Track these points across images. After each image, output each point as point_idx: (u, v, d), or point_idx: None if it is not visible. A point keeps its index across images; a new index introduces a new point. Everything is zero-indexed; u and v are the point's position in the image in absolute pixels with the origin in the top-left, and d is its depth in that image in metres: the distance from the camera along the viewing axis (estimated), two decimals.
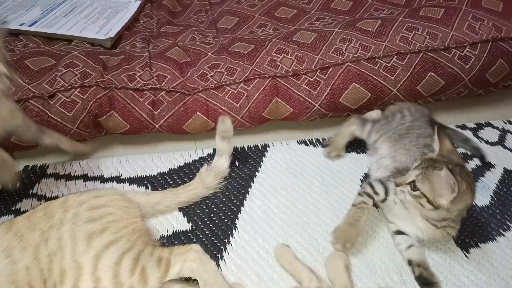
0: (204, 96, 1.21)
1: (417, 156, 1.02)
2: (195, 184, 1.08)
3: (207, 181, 1.09)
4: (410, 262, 0.94)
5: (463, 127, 1.31)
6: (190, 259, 0.87)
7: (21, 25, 1.45)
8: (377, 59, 1.20)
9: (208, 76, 1.23)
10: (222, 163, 1.12)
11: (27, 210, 0.93)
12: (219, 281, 0.87)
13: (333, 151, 1.21)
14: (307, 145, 1.26)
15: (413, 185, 0.87)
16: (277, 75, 1.21)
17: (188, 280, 0.90)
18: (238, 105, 1.22)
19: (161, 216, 1.05)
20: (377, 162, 1.11)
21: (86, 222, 0.85)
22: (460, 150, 1.19)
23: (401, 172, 1.00)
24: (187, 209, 1.07)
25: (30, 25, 1.45)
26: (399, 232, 0.98)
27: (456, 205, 0.85)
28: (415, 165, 0.91)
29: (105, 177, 1.16)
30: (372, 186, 1.01)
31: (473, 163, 1.19)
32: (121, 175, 1.17)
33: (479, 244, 0.99)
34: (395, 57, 1.20)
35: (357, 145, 1.23)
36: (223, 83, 1.22)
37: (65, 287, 0.78)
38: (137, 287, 0.81)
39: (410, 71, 1.20)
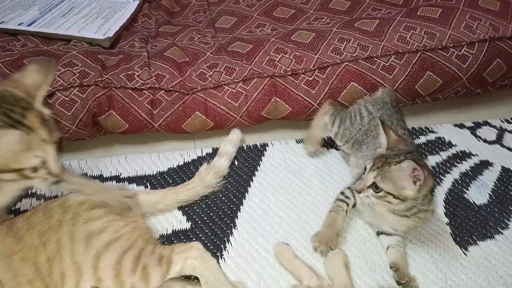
0: (203, 96, 1.21)
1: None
2: (195, 183, 1.08)
3: (207, 180, 1.09)
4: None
5: (461, 126, 1.32)
6: (192, 257, 0.88)
7: (19, 25, 1.45)
8: (375, 59, 1.21)
9: (207, 76, 1.23)
10: (222, 163, 1.13)
11: (27, 210, 0.93)
12: (220, 278, 0.87)
13: (308, 146, 1.21)
14: None
15: (375, 187, 0.88)
16: (276, 74, 1.21)
17: (188, 278, 0.90)
18: (237, 104, 1.22)
19: (160, 215, 1.06)
20: (350, 167, 1.15)
21: (85, 223, 0.85)
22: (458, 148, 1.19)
23: None
24: (186, 208, 1.07)
25: (29, 25, 1.45)
26: (380, 233, 1.00)
27: (421, 191, 0.86)
28: (368, 167, 0.91)
29: (104, 177, 1.16)
30: (342, 193, 1.04)
31: (471, 161, 1.19)
32: (120, 174, 1.17)
33: (477, 242, 1.00)
34: (393, 56, 1.21)
35: None
36: (222, 83, 1.22)
37: None
38: (139, 286, 0.81)
39: (408, 70, 1.21)
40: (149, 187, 1.13)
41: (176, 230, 1.02)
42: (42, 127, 0.74)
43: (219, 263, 0.94)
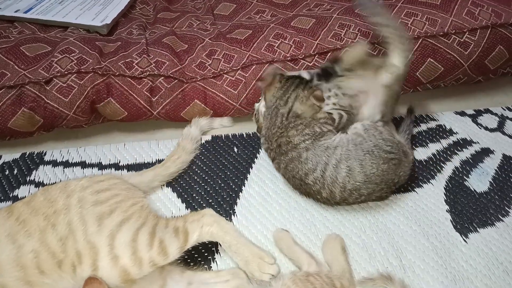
0: (202, 84, 1.20)
1: None
2: (179, 153, 1.13)
3: (188, 147, 1.16)
4: None
5: (462, 113, 1.30)
6: (207, 224, 0.89)
7: (16, 12, 1.43)
8: (376, 45, 1.20)
9: (206, 65, 1.22)
10: (193, 130, 1.20)
11: (25, 197, 0.92)
12: (242, 240, 0.89)
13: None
14: None
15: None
16: (275, 60, 1.20)
17: (187, 263, 0.90)
18: (236, 92, 1.21)
19: (159, 202, 1.05)
20: None
21: (93, 205, 0.84)
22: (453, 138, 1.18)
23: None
24: (185, 195, 1.07)
25: (25, 12, 1.44)
26: None
27: None
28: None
29: (103, 164, 1.16)
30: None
31: (472, 149, 1.18)
32: (119, 162, 1.16)
33: (478, 229, 0.99)
34: None
35: None
36: (221, 72, 1.21)
37: (84, 266, 0.77)
38: (158, 260, 0.80)
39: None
40: None
41: (175, 217, 1.01)
42: None
43: (218, 250, 0.94)
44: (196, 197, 1.06)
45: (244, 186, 1.09)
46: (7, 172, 1.14)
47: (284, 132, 1.02)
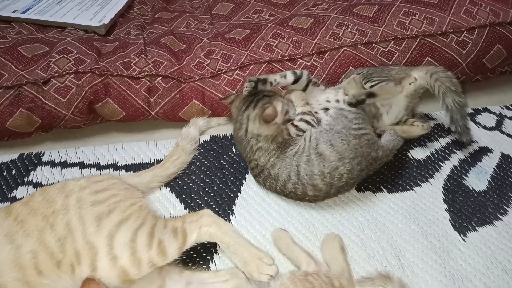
0: (200, 84, 1.20)
1: None
2: (178, 153, 1.12)
3: (187, 148, 1.15)
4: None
5: None
6: (206, 224, 0.89)
7: (13, 12, 1.43)
8: (374, 44, 1.20)
9: (204, 65, 1.22)
10: (192, 131, 1.19)
11: (23, 198, 0.92)
12: (240, 241, 0.89)
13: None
14: None
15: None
16: (273, 59, 1.20)
17: (185, 264, 0.90)
18: (234, 92, 1.20)
19: (157, 203, 1.05)
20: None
21: (92, 205, 0.84)
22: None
23: None
24: (184, 195, 1.07)
25: (23, 12, 1.44)
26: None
27: None
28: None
29: (101, 165, 1.16)
30: None
31: (471, 148, 1.18)
32: (118, 162, 1.16)
33: (476, 228, 0.99)
34: (392, 42, 1.19)
35: None
36: (219, 72, 1.20)
37: (83, 267, 0.77)
38: (157, 260, 0.80)
39: (408, 56, 1.20)
40: None
41: (174, 217, 1.01)
42: None
43: (216, 250, 0.94)
44: (195, 197, 1.06)
45: (243, 186, 1.09)
46: (5, 173, 1.13)
47: (251, 156, 1.03)
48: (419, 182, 1.09)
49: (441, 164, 1.14)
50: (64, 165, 1.16)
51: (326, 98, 1.08)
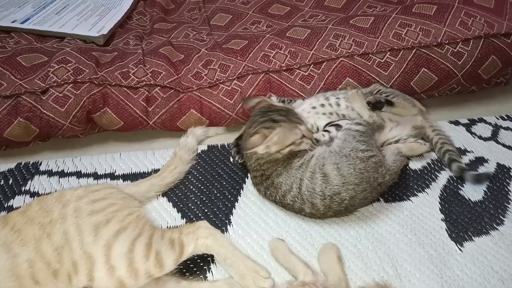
0: (198, 94, 1.21)
1: None
2: (175, 163, 1.12)
3: (184, 157, 1.15)
4: None
5: (456, 123, 1.31)
6: (202, 236, 0.89)
7: (12, 22, 1.44)
8: (370, 55, 1.21)
9: (202, 75, 1.23)
10: (190, 140, 1.19)
11: (20, 207, 0.92)
12: (237, 253, 0.89)
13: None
14: None
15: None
16: (271, 70, 1.21)
17: (182, 273, 0.90)
18: (232, 102, 1.21)
19: (155, 212, 1.05)
20: None
21: (89, 215, 0.84)
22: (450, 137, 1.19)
23: None
24: (181, 205, 1.07)
25: (22, 23, 1.44)
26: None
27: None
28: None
29: (99, 174, 1.16)
30: None
31: (466, 158, 1.19)
32: (115, 172, 1.16)
33: (473, 238, 1.00)
34: (388, 53, 1.21)
35: None
36: (217, 81, 1.21)
37: (80, 277, 0.77)
38: (154, 271, 0.81)
39: (404, 67, 1.21)
40: None
41: (171, 227, 1.01)
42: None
43: (213, 260, 0.94)
44: (192, 207, 1.06)
45: (240, 196, 1.09)
46: (2, 182, 1.13)
47: (257, 166, 1.03)
48: (415, 192, 1.10)
49: (438, 174, 1.15)
50: (62, 174, 1.16)
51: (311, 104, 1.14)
